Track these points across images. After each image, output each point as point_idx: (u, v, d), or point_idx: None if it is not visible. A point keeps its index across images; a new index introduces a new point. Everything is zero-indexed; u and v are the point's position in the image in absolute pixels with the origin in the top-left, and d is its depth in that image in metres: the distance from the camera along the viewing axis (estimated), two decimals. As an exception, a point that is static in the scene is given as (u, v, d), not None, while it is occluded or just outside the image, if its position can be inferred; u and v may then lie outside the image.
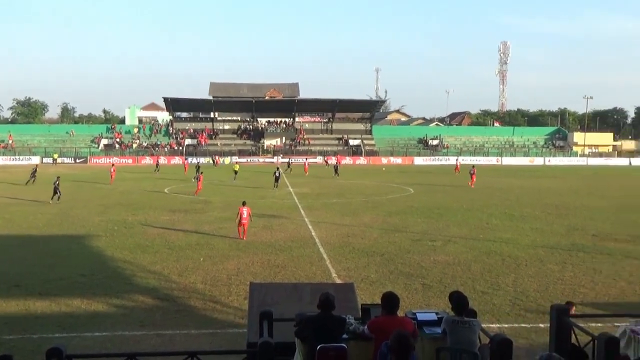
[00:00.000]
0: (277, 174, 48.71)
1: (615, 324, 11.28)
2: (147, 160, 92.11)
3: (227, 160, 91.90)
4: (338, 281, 16.68)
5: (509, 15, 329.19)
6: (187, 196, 41.08)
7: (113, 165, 60.76)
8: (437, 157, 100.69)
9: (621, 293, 16.15)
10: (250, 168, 75.22)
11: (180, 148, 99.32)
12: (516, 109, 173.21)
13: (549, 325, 8.70)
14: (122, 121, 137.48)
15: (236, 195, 41.65)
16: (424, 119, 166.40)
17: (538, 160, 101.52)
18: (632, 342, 8.60)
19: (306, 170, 67.16)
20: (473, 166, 56.83)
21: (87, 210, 33.30)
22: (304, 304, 9.33)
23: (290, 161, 78.61)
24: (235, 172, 58.08)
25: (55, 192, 37.06)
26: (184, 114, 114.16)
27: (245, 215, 23.86)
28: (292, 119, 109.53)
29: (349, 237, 24.42)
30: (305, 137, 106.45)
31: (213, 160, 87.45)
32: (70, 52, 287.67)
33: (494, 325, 12.97)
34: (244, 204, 24.64)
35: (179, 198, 40.10)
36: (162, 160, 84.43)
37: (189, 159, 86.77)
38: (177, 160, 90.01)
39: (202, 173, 47.85)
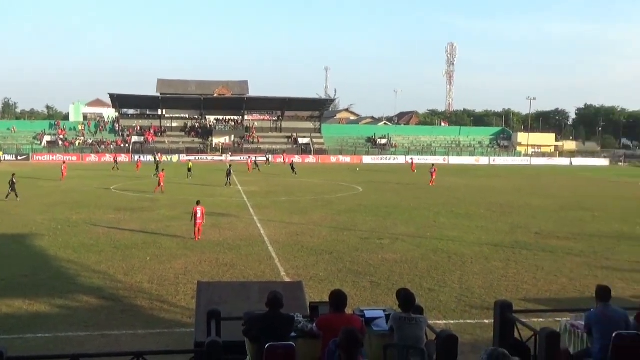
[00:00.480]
0: (229, 172, 48.75)
1: (557, 319, 11.50)
2: (93, 158, 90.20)
3: (175, 158, 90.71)
4: (287, 279, 16.62)
5: (456, 16, 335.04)
6: (134, 194, 40.39)
7: (64, 162, 60.29)
8: (385, 156, 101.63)
9: (562, 289, 16.52)
10: (198, 166, 74.32)
11: (127, 145, 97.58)
12: (462, 109, 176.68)
13: (493, 321, 8.89)
14: (66, 117, 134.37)
15: (184, 193, 41.20)
16: (372, 118, 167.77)
17: (483, 160, 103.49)
18: (572, 336, 8.86)
19: (250, 169, 67.02)
20: (433, 165, 57.57)
21: (29, 208, 32.40)
22: (252, 303, 9.28)
23: (268, 158, 79.17)
24: (189, 170, 57.36)
25: (12, 190, 36.26)
26: (131, 111, 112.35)
27: (199, 214, 23.26)
28: (241, 117, 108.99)
29: (298, 236, 24.38)
30: (254, 135, 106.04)
31: (155, 159, 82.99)
32: (10, 45, 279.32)
33: (440, 322, 13.10)
34: (198, 203, 23.98)
35: (126, 196, 39.39)
36: (121, 158, 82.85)
37: (140, 157, 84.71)
38: (123, 157, 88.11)
39: (163, 170, 47.28)
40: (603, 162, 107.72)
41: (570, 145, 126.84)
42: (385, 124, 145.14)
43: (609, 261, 20.35)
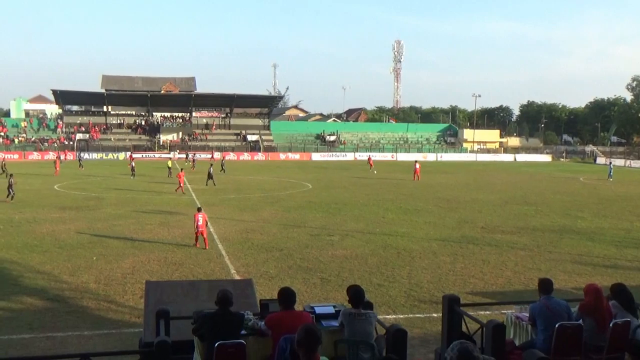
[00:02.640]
0: (210, 170, 48.25)
1: (502, 311, 11.79)
2: (35, 156, 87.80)
3: (122, 156, 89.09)
4: (237, 277, 16.56)
5: (403, 14, 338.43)
6: (79, 193, 39.52)
7: (4, 159, 59.49)
8: (334, 153, 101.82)
9: (507, 282, 16.86)
10: (145, 164, 73.19)
11: (71, 143, 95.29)
12: (410, 106, 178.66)
13: (441, 314, 9.04)
14: (7, 114, 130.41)
15: (131, 191, 40.61)
16: (321, 114, 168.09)
17: (431, 156, 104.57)
18: (517, 327, 9.08)
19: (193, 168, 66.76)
20: (416, 161, 58.01)
21: (-31, 208, 31.36)
22: (201, 302, 9.26)
23: (190, 156, 77.23)
24: (169, 168, 56.11)
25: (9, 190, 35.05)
26: (75, 108, 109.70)
27: (201, 222, 21.22)
28: (189, 114, 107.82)
29: (248, 233, 24.32)
30: (202, 132, 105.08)
31: (79, 159, 74.40)
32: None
33: (389, 317, 13.21)
34: (199, 210, 22.25)
35: (70, 195, 38.50)
36: (81, 155, 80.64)
37: (82, 154, 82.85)
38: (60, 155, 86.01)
39: (182, 170, 45.93)
40: (546, 157, 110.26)
41: (514, 141, 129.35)
42: (334, 120, 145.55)
43: (552, 254, 20.83)
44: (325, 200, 36.91)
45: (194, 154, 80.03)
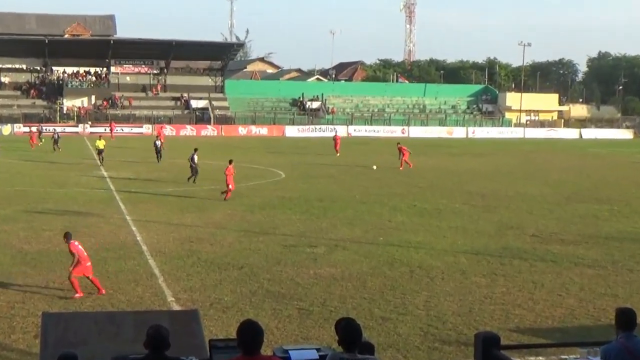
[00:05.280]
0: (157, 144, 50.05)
1: (562, 356, 11.91)
2: None
3: (6, 129, 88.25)
4: (176, 307, 16.67)
5: None
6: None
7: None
8: (318, 127, 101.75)
9: (569, 314, 16.93)
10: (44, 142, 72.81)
11: None
12: (428, 59, 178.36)
13: (473, 361, 9.04)
14: None
15: (22, 180, 40.38)
16: (299, 71, 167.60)
17: (458, 132, 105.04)
18: (584, 380, 9.10)
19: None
20: (398, 143, 56.63)
21: None
22: (124, 342, 9.23)
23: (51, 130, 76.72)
24: (100, 152, 54.99)
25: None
26: None
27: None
28: (105, 69, 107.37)
29: (192, 243, 24.34)
30: (124, 96, 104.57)
31: None
32: None
33: (399, 364, 13.19)
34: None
35: None
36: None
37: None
38: None
39: (231, 162, 41.31)
40: (625, 134, 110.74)
41: (579, 110, 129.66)
42: (317, 79, 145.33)
43: (634, 274, 20.92)
44: (304, 195, 36.90)
45: (51, 130, 78.56)
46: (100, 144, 54.17)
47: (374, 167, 51.12)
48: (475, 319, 16.37)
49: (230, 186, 35.30)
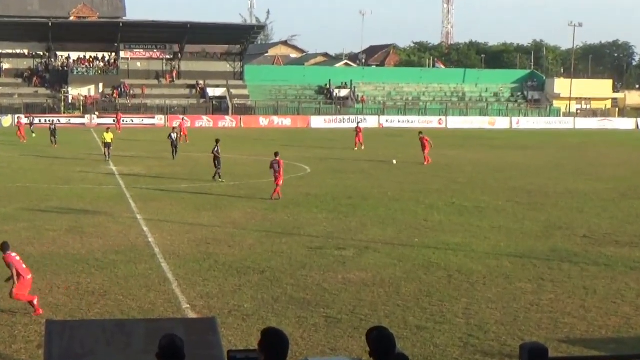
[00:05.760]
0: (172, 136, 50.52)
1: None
2: None
3: (6, 121, 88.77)
4: (191, 315, 16.77)
5: None
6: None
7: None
8: (346, 117, 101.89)
9: (625, 323, 16.88)
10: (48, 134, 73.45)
11: None
12: (468, 42, 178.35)
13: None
14: None
15: (23, 175, 40.69)
16: (325, 55, 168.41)
17: (501, 122, 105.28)
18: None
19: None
20: (420, 132, 56.05)
21: None
22: (135, 354, 9.35)
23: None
24: (107, 145, 55.01)
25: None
26: None
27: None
28: (114, 55, 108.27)
29: (208, 245, 24.51)
30: (134, 84, 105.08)
31: None
32: None
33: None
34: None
35: None
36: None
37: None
38: None
39: (277, 154, 40.44)
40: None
41: (636, 98, 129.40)
42: (346, 65, 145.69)
43: (699, 279, 20.77)
44: (332, 192, 37.00)
45: (31, 118, 79.87)
46: (108, 136, 53.89)
47: (394, 161, 50.88)
48: (520, 328, 16.39)
49: (280, 181, 34.81)
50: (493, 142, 73.07)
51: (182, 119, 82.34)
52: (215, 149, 42.67)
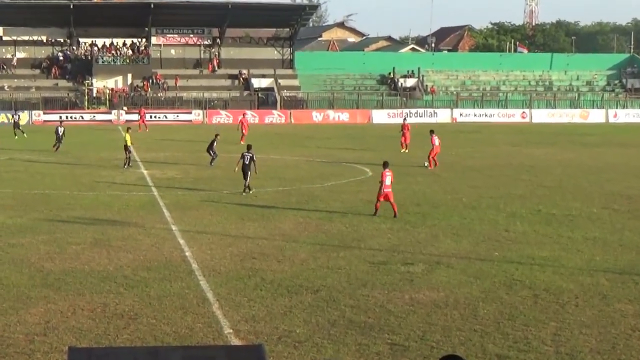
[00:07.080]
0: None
1: None
2: None
3: (24, 117, 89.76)
4: (235, 342, 16.79)
5: None
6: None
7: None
8: (414, 111, 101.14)
9: None
10: (71, 133, 74.06)
11: None
12: (555, 21, 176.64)
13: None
14: None
15: (41, 181, 40.99)
16: (389, 39, 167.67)
17: (596, 115, 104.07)
18: None
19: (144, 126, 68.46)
20: (431, 130, 53.72)
21: None
22: None
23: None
24: (126, 148, 55.47)
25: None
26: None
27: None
28: (145, 41, 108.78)
29: (254, 260, 24.48)
30: (167, 74, 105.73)
31: None
32: None
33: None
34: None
35: None
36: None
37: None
38: None
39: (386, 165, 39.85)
40: None
41: None
42: (413, 50, 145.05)
43: None
44: (397, 198, 36.40)
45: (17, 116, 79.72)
46: (128, 138, 51.51)
47: (425, 163, 50.05)
48: (620, 357, 16.27)
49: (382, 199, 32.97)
50: (586, 139, 72.13)
51: (244, 114, 79.17)
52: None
